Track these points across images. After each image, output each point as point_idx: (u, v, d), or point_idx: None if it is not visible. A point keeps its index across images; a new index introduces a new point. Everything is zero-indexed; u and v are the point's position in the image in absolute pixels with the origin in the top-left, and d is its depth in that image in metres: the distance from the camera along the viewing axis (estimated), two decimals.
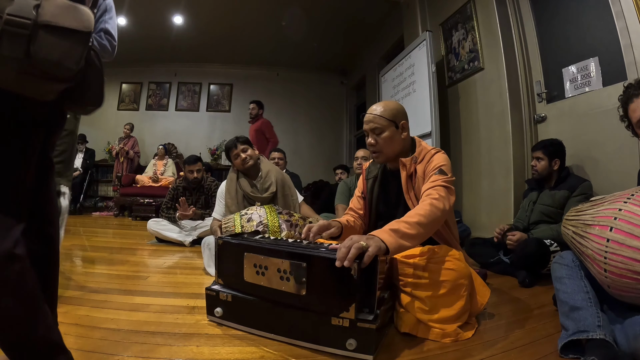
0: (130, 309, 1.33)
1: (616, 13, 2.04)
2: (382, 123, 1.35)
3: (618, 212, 0.96)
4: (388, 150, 1.37)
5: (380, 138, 1.35)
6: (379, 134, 1.35)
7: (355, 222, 1.47)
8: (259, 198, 2.03)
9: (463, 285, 1.14)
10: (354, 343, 0.96)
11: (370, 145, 1.38)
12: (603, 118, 2.16)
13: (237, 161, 2.09)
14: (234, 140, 2.12)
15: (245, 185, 2.07)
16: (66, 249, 2.10)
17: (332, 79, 6.93)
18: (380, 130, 1.35)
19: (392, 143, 1.36)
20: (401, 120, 1.37)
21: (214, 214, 2.21)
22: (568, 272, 1.11)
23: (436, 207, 1.13)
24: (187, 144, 6.39)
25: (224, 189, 2.14)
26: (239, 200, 2.05)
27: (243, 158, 2.07)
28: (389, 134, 1.35)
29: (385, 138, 1.35)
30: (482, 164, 3.05)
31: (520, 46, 2.78)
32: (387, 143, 1.35)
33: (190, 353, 0.99)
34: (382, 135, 1.35)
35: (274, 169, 2.19)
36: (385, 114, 1.35)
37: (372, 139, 1.37)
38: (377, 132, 1.35)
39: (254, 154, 2.13)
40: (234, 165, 2.15)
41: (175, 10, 4.86)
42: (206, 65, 6.62)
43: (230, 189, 2.09)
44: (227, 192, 2.10)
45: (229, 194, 2.08)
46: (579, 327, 0.97)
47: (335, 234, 1.32)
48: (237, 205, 2.04)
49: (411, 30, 3.94)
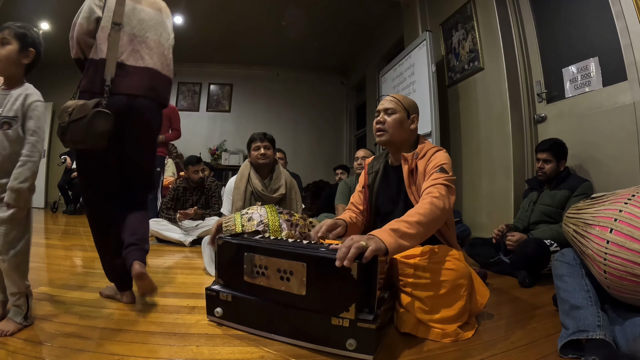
0: (131, 309, 1.33)
1: (616, 13, 2.04)
2: (397, 107, 1.40)
3: (618, 213, 0.95)
4: (394, 132, 1.39)
5: (390, 118, 1.39)
6: (390, 114, 1.39)
7: (357, 219, 1.49)
8: (267, 197, 2.03)
9: (463, 285, 1.14)
10: (354, 343, 0.96)
11: (379, 122, 1.41)
12: (603, 118, 2.16)
13: (255, 153, 2.08)
14: (262, 134, 2.12)
15: (257, 183, 2.07)
16: (66, 249, 2.10)
17: (332, 79, 6.93)
18: (393, 111, 1.39)
19: (399, 127, 1.39)
20: (413, 113, 1.43)
21: (222, 210, 2.23)
22: (569, 270, 1.11)
23: (436, 206, 1.13)
24: (187, 144, 6.37)
25: (232, 185, 2.14)
26: (247, 197, 2.05)
27: (262, 153, 2.07)
28: (400, 117, 1.39)
29: (395, 119, 1.38)
30: (482, 164, 3.05)
31: (520, 46, 2.78)
32: (395, 125, 1.38)
33: (190, 353, 0.99)
34: (393, 116, 1.39)
35: (286, 173, 2.20)
36: (403, 102, 1.42)
37: (381, 118, 1.40)
38: (389, 113, 1.40)
39: (273, 156, 2.14)
40: (250, 157, 2.14)
41: (175, 10, 4.86)
42: (206, 65, 6.62)
43: (240, 185, 2.08)
44: (236, 188, 2.09)
45: (237, 190, 2.08)
46: (579, 327, 0.97)
47: (341, 234, 1.35)
48: (243, 201, 2.04)
49: (411, 31, 3.94)
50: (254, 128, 6.69)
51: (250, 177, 2.09)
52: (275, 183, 2.10)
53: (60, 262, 2.05)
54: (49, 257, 2.28)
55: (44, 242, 2.93)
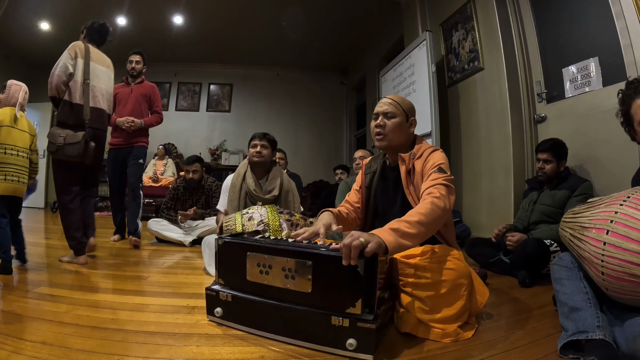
0: (130, 309, 1.33)
1: (616, 13, 2.04)
2: (397, 110, 1.39)
3: (614, 214, 0.95)
4: (393, 135, 1.38)
5: (390, 122, 1.38)
6: (390, 118, 1.39)
7: (349, 215, 1.48)
8: (260, 198, 2.04)
9: (463, 284, 1.14)
10: (354, 343, 0.96)
11: (378, 126, 1.40)
12: (603, 118, 2.16)
13: (252, 150, 2.10)
14: (263, 134, 2.14)
15: (250, 182, 2.08)
16: (66, 249, 2.10)
17: (332, 79, 6.93)
18: (392, 115, 1.38)
19: (399, 131, 1.38)
20: (412, 116, 1.43)
21: (218, 206, 2.26)
22: (567, 273, 1.11)
23: (437, 205, 1.13)
24: (187, 144, 6.39)
25: (230, 182, 2.16)
26: (241, 196, 2.07)
27: (258, 150, 2.08)
28: (399, 120, 1.38)
29: (394, 123, 1.38)
30: (482, 164, 3.05)
31: (520, 46, 2.78)
32: (395, 129, 1.38)
33: (190, 353, 0.99)
34: (393, 120, 1.38)
35: (283, 176, 2.20)
36: (402, 104, 1.41)
37: (381, 121, 1.40)
38: (388, 116, 1.39)
39: (270, 156, 2.14)
40: (248, 154, 2.16)
41: (175, 10, 4.86)
42: (206, 65, 6.63)
43: (236, 183, 2.11)
44: (232, 186, 2.12)
45: (233, 188, 2.10)
46: (579, 328, 0.97)
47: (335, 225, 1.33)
48: (238, 200, 2.06)
49: (411, 30, 3.94)
50: (254, 128, 6.69)
51: (245, 176, 2.11)
52: (270, 184, 2.11)
53: (61, 262, 2.05)
54: (49, 257, 2.28)
55: (44, 242, 2.93)
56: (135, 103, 2.95)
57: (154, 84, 3.14)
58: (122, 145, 2.90)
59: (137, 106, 2.95)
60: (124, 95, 2.97)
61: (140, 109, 2.96)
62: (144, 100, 3.00)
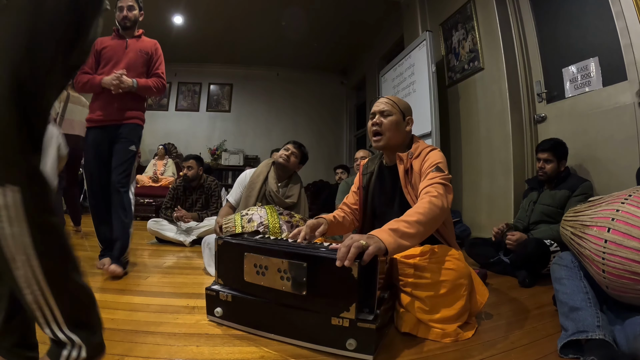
0: (130, 309, 1.33)
1: (616, 13, 2.04)
2: (393, 109, 1.40)
3: (615, 213, 0.96)
4: (390, 134, 1.39)
5: (386, 120, 1.39)
6: (386, 117, 1.39)
7: (345, 218, 1.49)
8: (279, 200, 2.05)
9: (463, 284, 1.14)
10: (354, 343, 0.96)
11: (375, 125, 1.41)
12: (603, 118, 2.16)
13: (282, 151, 2.13)
14: (300, 144, 2.18)
15: (272, 183, 2.09)
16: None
17: (332, 79, 6.93)
18: (389, 113, 1.40)
19: (396, 129, 1.39)
20: (408, 115, 1.44)
21: (228, 197, 2.23)
22: (567, 272, 1.12)
23: (435, 205, 1.13)
24: (187, 144, 6.39)
25: (248, 177, 2.16)
26: (259, 195, 2.07)
27: (287, 154, 2.11)
28: (396, 119, 1.39)
29: (391, 121, 1.39)
30: (482, 164, 3.05)
31: (520, 46, 2.78)
32: (392, 127, 1.38)
33: (190, 353, 0.99)
34: (389, 118, 1.39)
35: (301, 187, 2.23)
36: (398, 104, 1.43)
37: (377, 119, 1.40)
38: (385, 115, 1.40)
39: (295, 166, 2.16)
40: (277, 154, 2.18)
41: (175, 10, 4.86)
42: (206, 65, 6.62)
43: (256, 181, 2.11)
44: (252, 183, 2.11)
45: (252, 185, 2.10)
46: (579, 328, 0.97)
47: (323, 232, 1.35)
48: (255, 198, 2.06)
49: (411, 30, 3.94)
50: (254, 128, 6.70)
51: (268, 177, 2.12)
52: (290, 190, 2.14)
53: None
54: None
55: None
56: (130, 61, 2.01)
57: (156, 40, 2.23)
58: (106, 122, 1.94)
59: (133, 66, 2.02)
60: (116, 50, 2.02)
61: (139, 70, 2.06)
62: (142, 59, 2.08)
